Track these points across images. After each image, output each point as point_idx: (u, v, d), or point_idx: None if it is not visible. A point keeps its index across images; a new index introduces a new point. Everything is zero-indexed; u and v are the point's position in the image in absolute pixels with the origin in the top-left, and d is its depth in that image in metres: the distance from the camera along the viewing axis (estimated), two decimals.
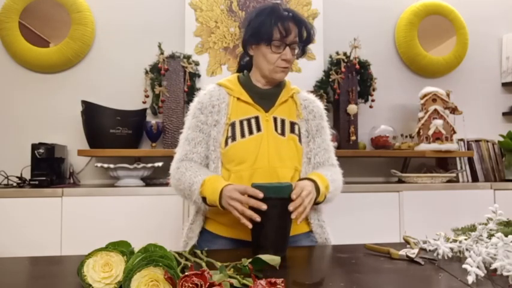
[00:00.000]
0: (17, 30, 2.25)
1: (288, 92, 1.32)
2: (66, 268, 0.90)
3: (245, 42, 1.28)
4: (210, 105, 1.26)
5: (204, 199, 1.13)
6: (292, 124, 1.27)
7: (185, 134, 1.28)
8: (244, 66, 1.37)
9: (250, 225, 0.98)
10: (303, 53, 1.30)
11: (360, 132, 2.39)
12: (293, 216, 0.98)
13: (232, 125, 1.23)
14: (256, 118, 1.24)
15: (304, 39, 1.25)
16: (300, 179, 1.16)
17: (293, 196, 0.99)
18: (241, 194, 1.01)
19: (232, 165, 1.20)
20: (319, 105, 1.36)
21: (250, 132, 1.22)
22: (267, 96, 1.29)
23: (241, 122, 1.23)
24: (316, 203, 1.14)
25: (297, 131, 1.27)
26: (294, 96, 1.32)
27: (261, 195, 0.96)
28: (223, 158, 1.22)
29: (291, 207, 0.98)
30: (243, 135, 1.21)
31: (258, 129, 1.22)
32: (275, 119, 1.25)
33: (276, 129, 1.24)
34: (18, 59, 2.29)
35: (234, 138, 1.21)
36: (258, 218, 0.95)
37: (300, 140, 1.26)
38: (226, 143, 1.21)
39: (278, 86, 1.31)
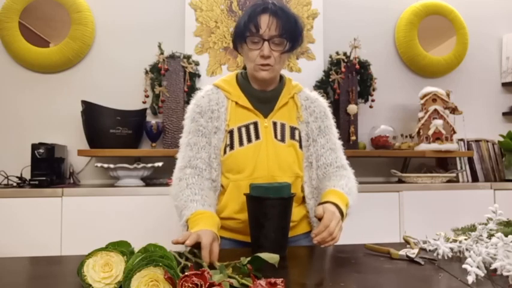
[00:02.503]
0: (17, 30, 2.25)
1: (289, 91, 1.25)
2: (66, 268, 0.89)
3: (233, 43, 1.24)
4: (209, 110, 1.21)
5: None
6: (293, 129, 1.22)
7: (186, 139, 1.22)
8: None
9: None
10: (292, 48, 1.17)
11: (360, 132, 2.39)
12: (316, 241, 0.97)
13: (231, 132, 1.19)
14: (255, 124, 1.20)
15: (289, 33, 1.13)
16: (322, 202, 1.08)
17: (322, 228, 0.97)
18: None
19: (231, 174, 1.18)
20: (321, 103, 1.28)
21: (249, 140, 1.18)
22: (266, 99, 1.23)
23: (239, 129, 1.19)
24: None
25: (297, 137, 1.22)
26: (294, 97, 1.26)
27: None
28: (223, 165, 1.19)
29: (318, 237, 0.96)
30: (241, 144, 1.17)
31: (257, 136, 1.18)
32: (275, 124, 1.21)
33: (275, 136, 1.19)
34: (18, 59, 2.29)
35: (232, 147, 1.18)
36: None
37: (300, 146, 1.22)
38: (224, 151, 1.18)
39: (277, 88, 1.24)
